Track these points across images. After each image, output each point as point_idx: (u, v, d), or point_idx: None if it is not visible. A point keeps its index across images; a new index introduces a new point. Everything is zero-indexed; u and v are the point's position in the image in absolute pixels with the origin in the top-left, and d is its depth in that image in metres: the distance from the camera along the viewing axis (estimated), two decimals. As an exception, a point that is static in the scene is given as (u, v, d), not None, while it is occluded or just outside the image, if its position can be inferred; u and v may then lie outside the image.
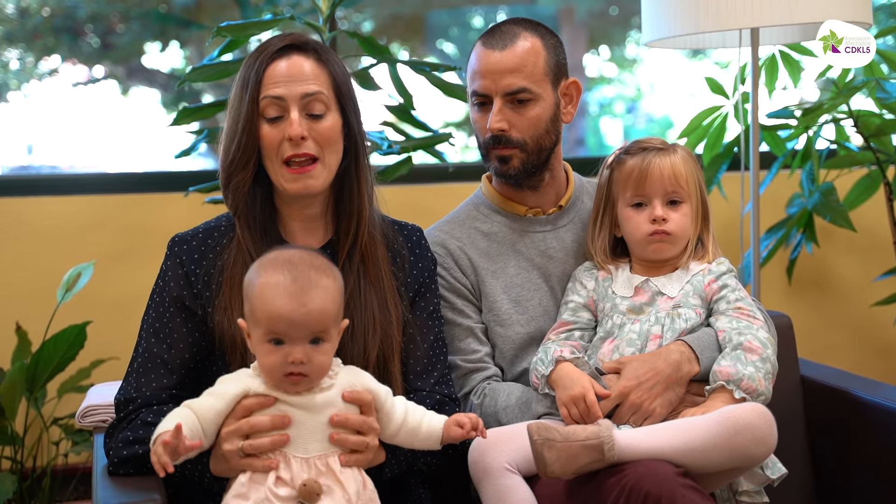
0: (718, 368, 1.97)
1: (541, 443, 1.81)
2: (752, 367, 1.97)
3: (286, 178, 1.92)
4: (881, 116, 3.37)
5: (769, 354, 2.01)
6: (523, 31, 2.16)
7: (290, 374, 1.70)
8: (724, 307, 2.07)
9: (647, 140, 2.13)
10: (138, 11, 3.93)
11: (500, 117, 2.14)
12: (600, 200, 2.17)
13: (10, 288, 3.32)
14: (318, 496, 1.69)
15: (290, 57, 1.94)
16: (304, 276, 1.70)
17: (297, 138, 1.89)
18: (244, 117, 1.91)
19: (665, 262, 2.12)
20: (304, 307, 1.69)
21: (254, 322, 1.72)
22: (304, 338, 1.70)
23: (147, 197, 3.46)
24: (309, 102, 1.92)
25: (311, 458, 1.72)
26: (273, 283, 1.70)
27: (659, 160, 2.08)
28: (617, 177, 2.12)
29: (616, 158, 2.14)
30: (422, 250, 2.10)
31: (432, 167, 3.54)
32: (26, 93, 3.86)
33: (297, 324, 1.68)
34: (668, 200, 2.08)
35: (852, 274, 3.97)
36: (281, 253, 1.76)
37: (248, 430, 1.73)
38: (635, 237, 2.10)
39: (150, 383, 1.92)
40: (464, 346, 2.16)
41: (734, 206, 3.60)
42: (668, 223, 2.07)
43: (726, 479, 1.94)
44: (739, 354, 1.98)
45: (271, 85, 1.91)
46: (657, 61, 4.62)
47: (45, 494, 3.10)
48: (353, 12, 4.13)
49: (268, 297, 1.69)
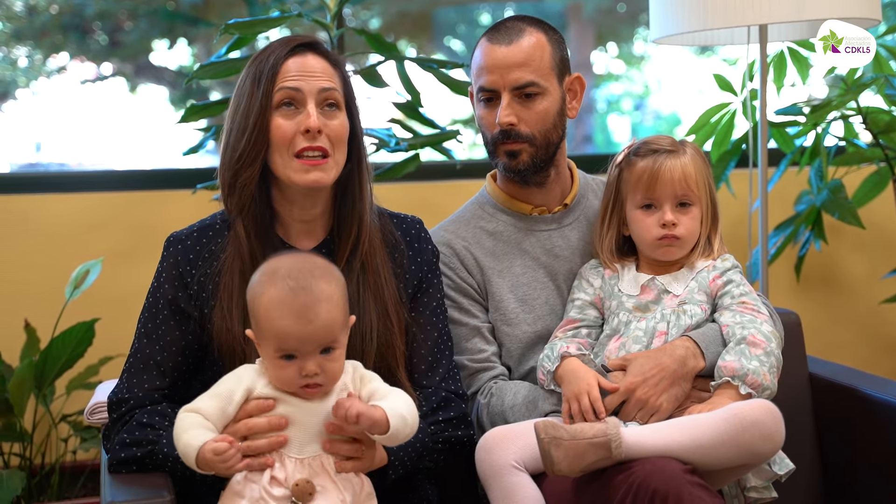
0: (723, 363, 1.97)
1: (548, 441, 1.80)
2: (756, 361, 1.96)
3: (297, 169, 1.90)
4: (890, 113, 3.36)
5: (773, 348, 2.00)
6: (528, 27, 2.17)
7: (305, 387, 1.71)
8: (729, 302, 2.07)
9: (657, 140, 2.12)
10: (146, 9, 3.94)
11: (510, 111, 2.14)
12: (609, 199, 2.17)
13: (18, 285, 3.33)
14: (311, 496, 1.69)
15: (305, 55, 1.94)
16: (307, 290, 1.69)
17: (315, 130, 1.89)
18: (256, 111, 1.90)
19: (672, 262, 2.12)
20: (310, 324, 1.68)
21: (262, 339, 1.73)
22: (315, 350, 1.70)
23: (155, 194, 3.46)
24: (325, 96, 1.92)
25: (307, 459, 1.73)
26: (277, 301, 1.68)
27: (669, 163, 2.07)
28: (626, 177, 2.12)
29: (626, 158, 2.13)
30: (421, 243, 2.08)
31: (440, 164, 3.54)
32: (34, 90, 3.86)
33: (305, 340, 1.68)
34: (678, 203, 2.08)
35: (861, 271, 3.96)
36: (279, 263, 1.73)
37: (246, 432, 1.74)
38: (644, 240, 2.10)
39: (143, 384, 1.92)
40: (470, 345, 2.16)
41: (742, 203, 3.60)
42: (677, 227, 2.07)
43: (734, 476, 1.94)
44: (744, 349, 1.98)
45: (288, 78, 1.91)
46: (665, 58, 4.61)
47: (53, 491, 3.11)
48: (361, 9, 4.13)
49: (273, 318, 1.69)
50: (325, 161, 1.91)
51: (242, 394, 1.75)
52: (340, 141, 1.93)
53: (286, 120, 1.91)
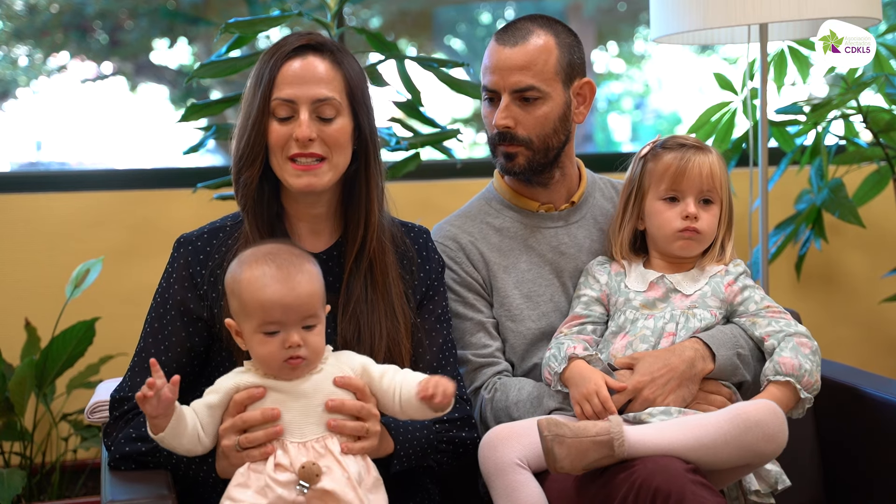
0: (782, 360, 1.99)
1: (551, 438, 1.81)
2: (809, 361, 2.00)
3: (290, 173, 1.92)
4: (890, 112, 3.36)
5: (816, 347, 2.05)
6: (538, 29, 2.15)
7: (289, 360, 1.73)
8: (755, 308, 2.08)
9: (684, 137, 2.14)
10: (146, 8, 3.94)
11: (506, 114, 2.14)
12: (629, 192, 2.16)
13: (18, 284, 3.33)
14: (318, 477, 1.70)
15: (306, 57, 1.94)
16: (288, 262, 1.75)
17: (305, 140, 1.90)
18: (255, 115, 1.92)
19: (685, 260, 2.12)
20: (294, 291, 1.72)
21: (245, 316, 1.75)
22: (298, 322, 1.73)
23: (155, 193, 3.46)
24: (319, 107, 1.92)
25: (309, 442, 1.74)
26: (259, 273, 1.74)
27: (698, 158, 2.08)
28: (651, 168, 2.12)
29: (651, 151, 2.14)
30: (429, 252, 2.09)
31: (440, 163, 3.54)
32: (35, 89, 3.86)
33: (290, 308, 1.72)
34: (702, 199, 2.08)
35: (861, 270, 3.96)
36: (258, 248, 1.80)
37: (242, 426, 1.75)
38: (664, 231, 2.10)
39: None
40: (475, 340, 2.16)
41: (743, 202, 3.59)
42: (699, 221, 2.07)
43: (736, 476, 1.94)
44: (796, 347, 2.01)
45: (284, 86, 1.91)
46: (665, 57, 4.61)
47: (54, 490, 3.11)
48: (361, 8, 4.13)
49: (257, 288, 1.73)
50: (318, 166, 1.92)
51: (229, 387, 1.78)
52: (338, 145, 1.93)
53: (281, 125, 1.92)
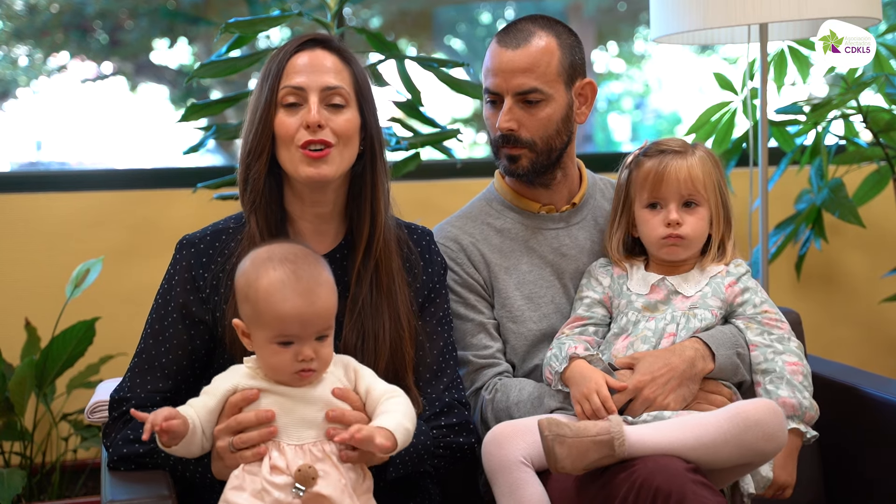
0: (781, 400, 2.01)
1: (551, 438, 1.81)
2: (806, 392, 2.03)
3: (301, 161, 1.89)
4: (890, 112, 3.36)
5: (805, 364, 2.07)
6: (539, 30, 2.15)
7: (300, 372, 1.71)
8: (752, 312, 2.09)
9: (667, 141, 2.13)
10: (146, 8, 3.94)
11: (510, 117, 2.14)
12: (618, 200, 2.17)
13: (18, 284, 3.33)
14: (314, 481, 1.69)
15: (314, 51, 1.94)
16: (307, 273, 1.70)
17: (315, 125, 1.88)
18: (262, 107, 1.91)
19: (682, 262, 2.12)
20: (314, 305, 1.69)
21: (259, 325, 1.72)
22: (313, 335, 1.70)
23: (155, 193, 3.45)
24: (329, 94, 1.92)
25: (306, 445, 1.73)
26: (278, 283, 1.69)
27: (675, 163, 2.08)
28: (634, 178, 2.12)
29: (634, 160, 2.14)
30: (432, 255, 2.09)
31: (440, 163, 3.53)
32: (35, 89, 3.86)
33: (308, 322, 1.69)
34: (684, 203, 2.08)
35: (861, 270, 3.96)
36: (272, 250, 1.74)
37: (237, 427, 1.74)
38: (650, 239, 2.11)
39: (145, 385, 1.92)
40: (475, 341, 2.16)
41: (742, 202, 3.60)
42: (682, 227, 2.07)
43: (735, 476, 1.94)
44: (791, 379, 2.03)
45: (292, 74, 1.91)
46: (665, 57, 4.61)
47: (54, 490, 3.11)
48: (361, 8, 4.13)
49: (277, 301, 1.69)
50: (327, 152, 1.89)
51: (226, 389, 1.76)
52: (346, 137, 1.92)
53: (289, 116, 1.91)
